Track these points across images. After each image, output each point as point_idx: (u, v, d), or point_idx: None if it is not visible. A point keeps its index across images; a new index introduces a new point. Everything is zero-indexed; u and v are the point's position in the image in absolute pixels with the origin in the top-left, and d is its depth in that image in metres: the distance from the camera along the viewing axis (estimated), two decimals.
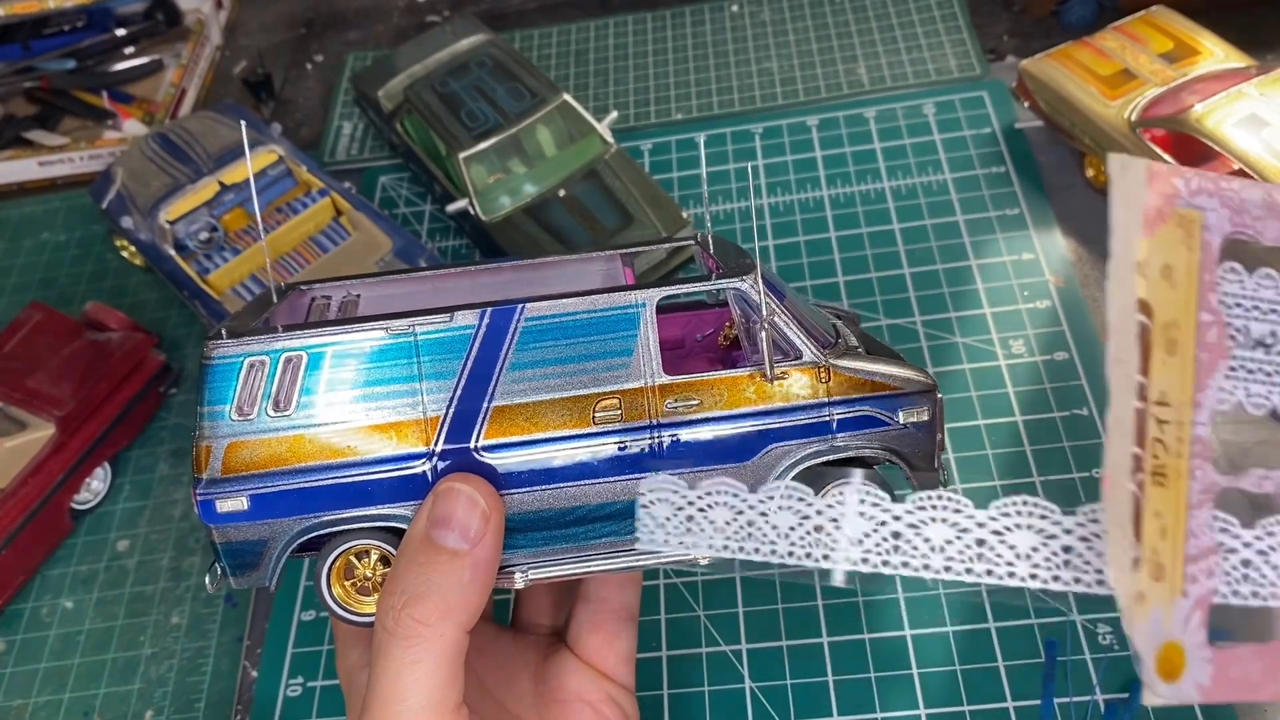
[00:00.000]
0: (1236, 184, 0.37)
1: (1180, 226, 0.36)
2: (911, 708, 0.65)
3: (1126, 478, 0.36)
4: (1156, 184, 0.36)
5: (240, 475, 0.49)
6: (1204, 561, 0.37)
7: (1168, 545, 0.36)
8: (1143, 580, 0.36)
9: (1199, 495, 0.36)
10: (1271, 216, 0.37)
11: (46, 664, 0.78)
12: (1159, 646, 0.36)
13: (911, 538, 0.41)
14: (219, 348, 0.49)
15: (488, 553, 0.47)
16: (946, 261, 0.88)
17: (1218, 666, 0.37)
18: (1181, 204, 0.36)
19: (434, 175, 0.98)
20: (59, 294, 1.04)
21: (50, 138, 1.17)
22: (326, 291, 0.61)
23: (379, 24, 1.30)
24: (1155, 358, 0.36)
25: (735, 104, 1.08)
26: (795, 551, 0.42)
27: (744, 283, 0.51)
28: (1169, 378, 0.36)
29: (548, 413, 0.49)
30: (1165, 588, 0.36)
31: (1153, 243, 0.36)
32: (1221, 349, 0.37)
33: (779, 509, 0.42)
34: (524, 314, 0.50)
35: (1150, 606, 0.36)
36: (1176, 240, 0.36)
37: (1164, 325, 0.36)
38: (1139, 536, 0.36)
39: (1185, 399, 0.36)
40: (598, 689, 0.57)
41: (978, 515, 0.40)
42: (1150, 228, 0.36)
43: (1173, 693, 0.37)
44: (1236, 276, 0.37)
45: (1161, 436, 0.36)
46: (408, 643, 0.45)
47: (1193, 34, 0.88)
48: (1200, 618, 0.37)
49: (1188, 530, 0.36)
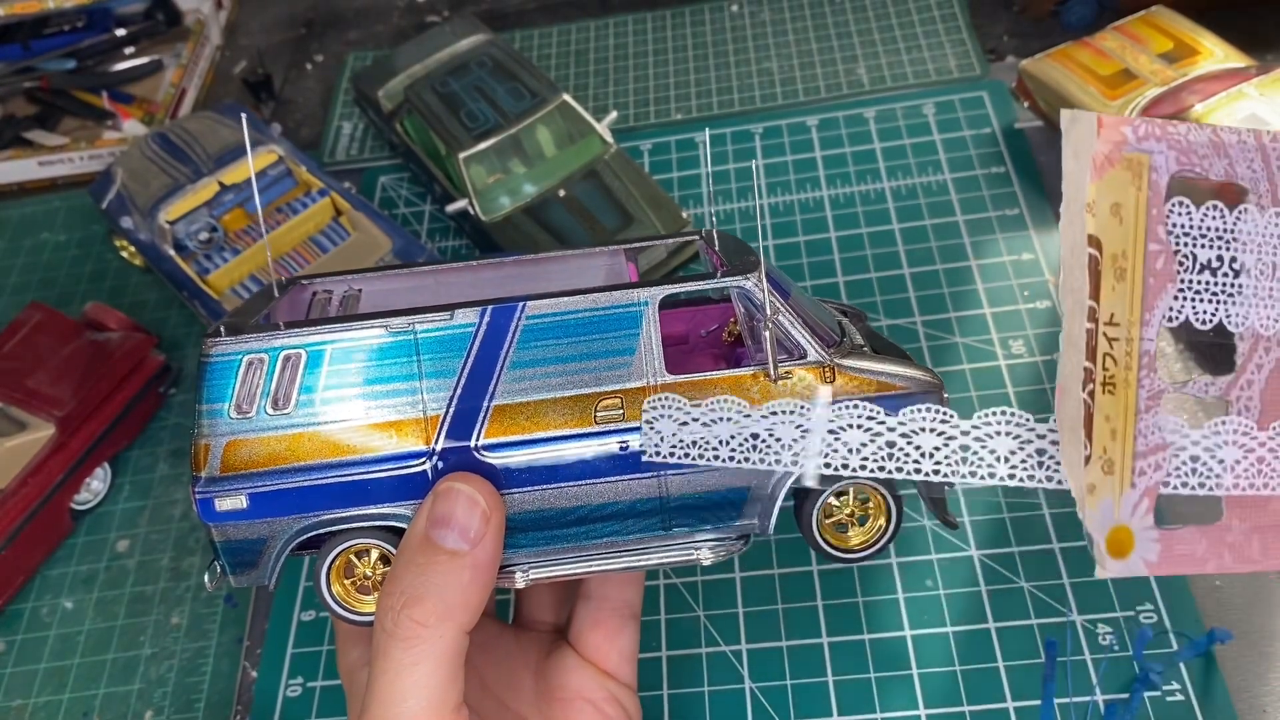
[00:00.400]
0: (1184, 128, 0.40)
1: (1128, 169, 0.40)
2: (911, 708, 0.65)
3: (1078, 388, 0.41)
4: (1106, 133, 0.39)
5: (239, 474, 0.49)
6: (1152, 457, 0.41)
7: (1117, 445, 0.41)
8: (1093, 474, 0.41)
9: (1147, 401, 0.41)
10: (1216, 155, 0.40)
11: (46, 664, 0.78)
12: (1108, 530, 0.41)
13: (905, 446, 0.44)
14: (217, 345, 0.49)
15: (488, 554, 0.47)
16: (946, 261, 0.88)
17: (1164, 545, 0.42)
18: (1129, 149, 0.40)
19: (434, 175, 0.98)
20: (59, 294, 1.04)
21: (50, 138, 1.17)
22: (328, 286, 0.60)
23: (379, 24, 1.30)
24: (1105, 284, 0.40)
25: (735, 104, 1.08)
26: (800, 459, 0.46)
27: (748, 281, 0.50)
28: (1118, 301, 0.40)
29: (549, 412, 0.49)
30: (1115, 480, 0.41)
31: (1101, 185, 0.40)
32: (1169, 274, 0.41)
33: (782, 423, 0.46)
34: (525, 312, 0.49)
35: (1101, 497, 0.41)
36: (1125, 181, 0.40)
37: (1113, 256, 0.40)
38: (1090, 437, 0.40)
39: (1134, 319, 0.40)
40: (600, 687, 0.57)
41: (962, 424, 0.44)
42: (1099, 172, 0.40)
43: (1121, 567, 0.42)
44: (1185, 209, 0.41)
45: (1111, 351, 0.40)
46: (407, 644, 0.45)
47: (1193, 34, 0.88)
48: (1148, 505, 0.41)
49: (1136, 431, 0.41)
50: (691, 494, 0.50)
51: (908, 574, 0.71)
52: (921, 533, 0.72)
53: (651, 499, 0.50)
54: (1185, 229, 0.41)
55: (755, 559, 0.73)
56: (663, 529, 0.51)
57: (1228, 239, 0.41)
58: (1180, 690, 0.63)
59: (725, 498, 0.50)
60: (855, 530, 0.53)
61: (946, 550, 0.71)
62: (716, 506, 0.50)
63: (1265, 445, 0.42)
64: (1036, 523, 0.72)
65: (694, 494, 0.50)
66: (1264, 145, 0.40)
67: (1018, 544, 0.71)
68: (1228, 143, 0.40)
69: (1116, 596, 0.67)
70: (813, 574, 0.72)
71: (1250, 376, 0.42)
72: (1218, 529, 0.43)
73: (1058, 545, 0.70)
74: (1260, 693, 0.63)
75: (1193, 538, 0.42)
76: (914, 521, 0.73)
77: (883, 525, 0.52)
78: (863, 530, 0.52)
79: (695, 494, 0.50)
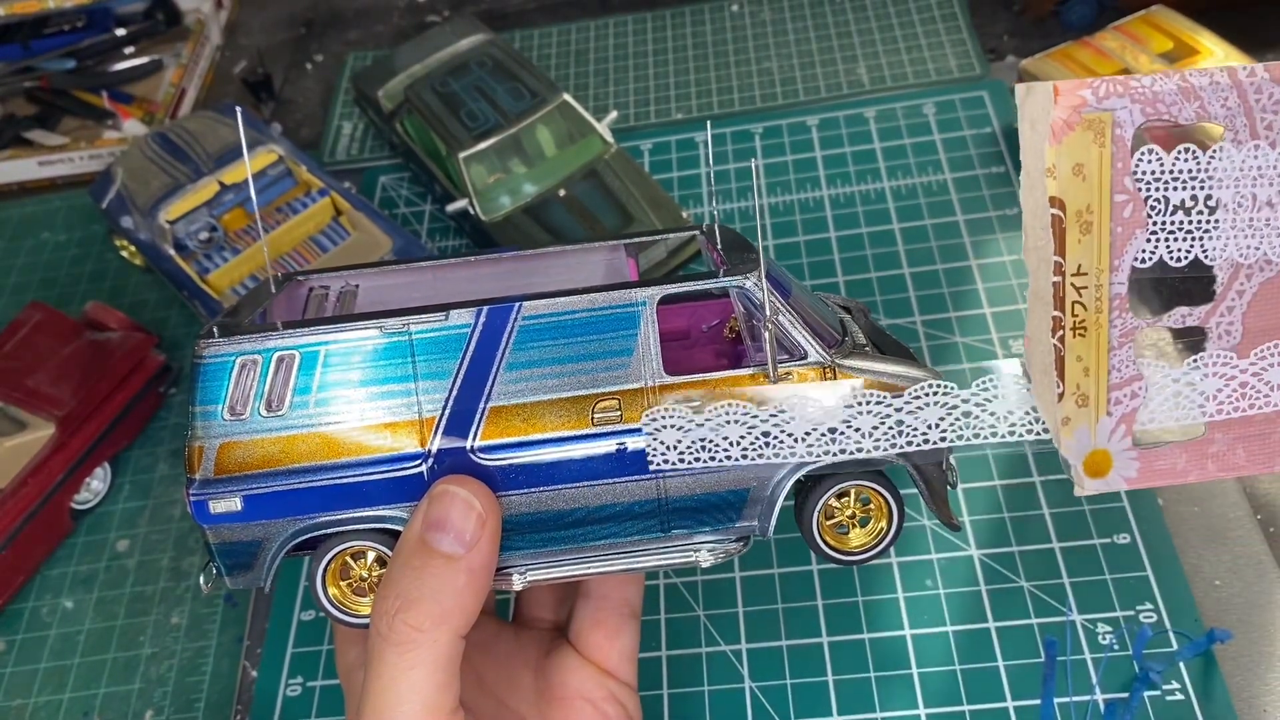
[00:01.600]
0: (1148, 79, 0.41)
1: (1090, 129, 0.41)
2: (911, 708, 0.65)
3: (1047, 336, 0.43)
4: (1064, 99, 0.40)
5: (233, 476, 0.49)
6: (1128, 388, 0.44)
7: (1091, 380, 0.43)
8: (1067, 408, 0.44)
9: (1120, 338, 0.43)
10: (1185, 100, 0.41)
11: (46, 664, 0.78)
12: (1085, 454, 0.45)
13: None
14: (210, 346, 0.49)
15: (483, 557, 0.47)
16: (946, 261, 0.88)
17: (1144, 462, 0.45)
18: (1090, 110, 0.41)
19: (434, 175, 0.98)
20: (59, 294, 1.04)
21: (50, 138, 1.17)
22: (325, 282, 0.60)
23: (379, 24, 1.29)
24: (1070, 239, 0.42)
25: (735, 104, 1.08)
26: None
27: (747, 281, 0.50)
28: (1084, 253, 0.42)
29: (546, 413, 0.49)
30: (1090, 411, 0.44)
31: (1060, 149, 0.41)
32: (1139, 220, 0.42)
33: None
34: (521, 312, 0.49)
35: (1076, 426, 0.44)
36: (1086, 141, 0.41)
37: (1077, 212, 0.42)
38: (1062, 377, 0.43)
39: (1103, 266, 0.42)
40: (600, 686, 0.56)
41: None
42: (1058, 137, 0.41)
43: (1099, 485, 0.45)
44: (1154, 156, 0.41)
45: (1080, 299, 0.43)
46: (402, 648, 0.45)
47: (1193, 34, 0.88)
48: (1125, 430, 0.44)
49: (1110, 366, 0.43)
50: (690, 496, 0.50)
51: (908, 574, 0.71)
52: (921, 532, 0.72)
53: (650, 501, 0.50)
54: (1155, 175, 0.42)
55: (755, 559, 0.73)
56: (661, 531, 0.51)
57: (1202, 178, 0.42)
58: (1180, 690, 0.63)
59: (724, 499, 0.50)
60: (856, 532, 0.52)
61: (946, 550, 0.71)
62: (716, 508, 0.50)
63: (1247, 371, 0.44)
64: (1036, 523, 0.72)
65: (693, 496, 0.50)
66: (1239, 81, 0.41)
67: (1018, 544, 0.71)
68: (1197, 86, 0.41)
69: (1116, 596, 0.67)
70: (813, 574, 0.72)
71: (1231, 303, 0.43)
72: (1200, 443, 0.45)
73: (1058, 545, 0.70)
74: (1260, 693, 0.63)
75: (1173, 454, 0.45)
76: (914, 521, 0.73)
77: (884, 528, 0.52)
78: (864, 532, 0.52)
79: (694, 496, 0.50)
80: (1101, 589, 0.68)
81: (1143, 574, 0.68)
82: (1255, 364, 0.44)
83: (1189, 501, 0.72)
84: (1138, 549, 0.69)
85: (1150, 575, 0.68)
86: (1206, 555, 0.69)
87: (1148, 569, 0.68)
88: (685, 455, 0.48)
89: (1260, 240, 0.43)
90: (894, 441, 0.47)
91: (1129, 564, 0.69)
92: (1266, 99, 0.41)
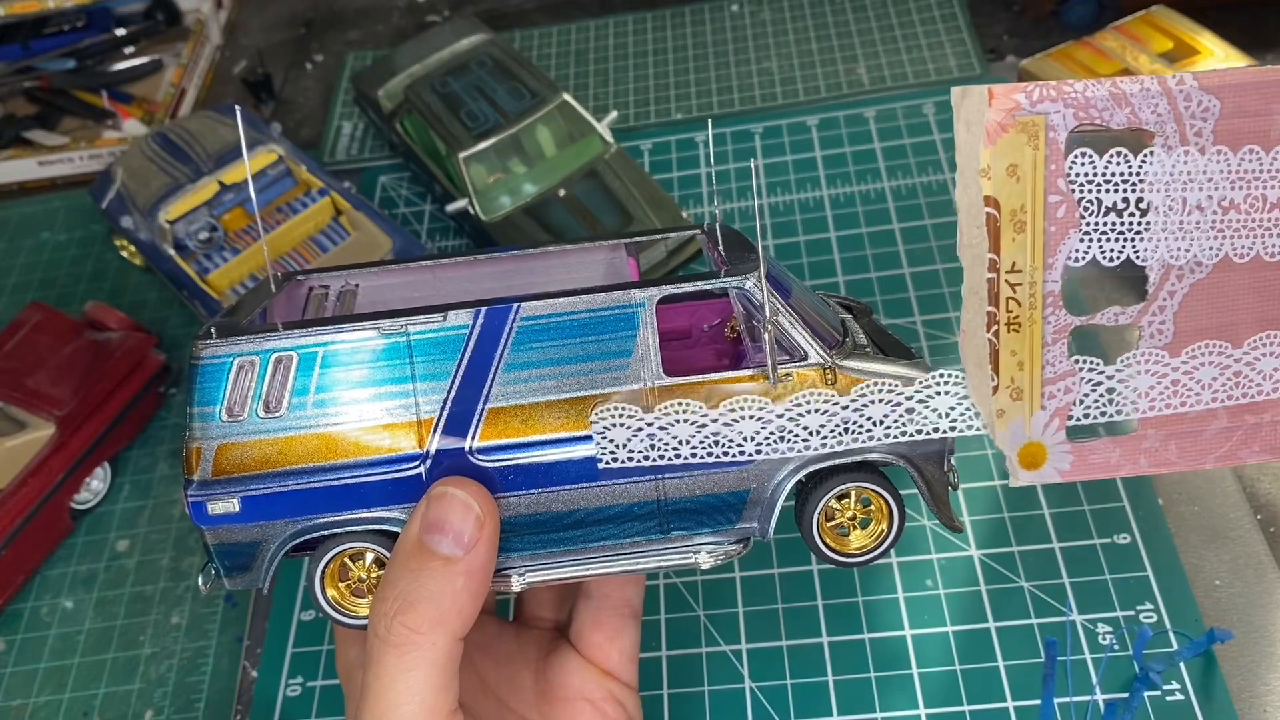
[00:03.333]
0: (1080, 85, 0.42)
1: (1023, 132, 0.42)
2: (911, 708, 0.65)
3: (981, 330, 0.45)
4: (998, 102, 0.42)
5: (231, 477, 0.49)
6: (1061, 383, 0.45)
7: (1025, 374, 0.45)
8: (1002, 401, 0.45)
9: (1054, 334, 0.44)
10: (1117, 105, 0.42)
11: (46, 664, 0.78)
12: (1020, 446, 0.46)
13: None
14: (208, 347, 0.48)
15: (481, 559, 0.47)
16: (946, 261, 0.88)
17: (1077, 456, 0.46)
18: (1023, 113, 0.42)
19: (434, 175, 0.98)
20: (59, 294, 1.04)
21: (50, 138, 1.17)
22: (324, 281, 0.60)
23: (379, 24, 1.29)
24: (1004, 238, 0.43)
25: (735, 104, 1.08)
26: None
27: (747, 281, 0.49)
28: (1018, 251, 0.43)
29: (544, 415, 0.49)
30: (1024, 404, 0.45)
31: (995, 150, 0.42)
32: (1071, 220, 0.43)
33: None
34: (520, 313, 0.48)
35: (1011, 419, 0.45)
36: (1020, 143, 0.42)
37: (1011, 212, 0.43)
38: (997, 370, 0.45)
39: (1036, 264, 0.43)
40: (600, 687, 0.56)
41: (841, 400, 0.47)
42: (992, 139, 0.42)
43: (1034, 477, 0.46)
44: (1087, 158, 0.43)
45: (1014, 295, 0.44)
46: (400, 650, 0.45)
47: (1193, 34, 0.88)
48: (1059, 423, 0.46)
49: (1044, 361, 0.45)
50: (690, 497, 0.50)
51: (908, 574, 0.71)
52: (921, 533, 0.72)
53: (649, 502, 0.49)
54: (1089, 178, 0.43)
55: (755, 559, 0.73)
56: (660, 532, 0.50)
57: (1133, 182, 0.43)
58: (1180, 690, 0.63)
59: (724, 501, 0.50)
60: (856, 533, 0.52)
61: (946, 550, 0.71)
62: (715, 510, 0.50)
63: (1179, 369, 0.45)
64: (1036, 523, 0.72)
65: (692, 497, 0.50)
66: (1169, 89, 0.42)
67: (1018, 544, 0.71)
68: (1128, 92, 0.42)
69: (1117, 596, 0.67)
70: (813, 574, 0.72)
71: (1163, 303, 0.45)
72: (1133, 439, 0.46)
73: (1058, 545, 0.70)
74: (1260, 693, 0.63)
75: (1106, 447, 0.46)
76: (914, 521, 0.73)
77: (884, 529, 0.52)
78: (864, 533, 0.52)
79: (693, 497, 0.50)
80: (1101, 589, 0.68)
81: (1143, 574, 0.68)
82: (1187, 362, 0.45)
83: (1189, 501, 0.72)
84: (1138, 549, 0.69)
85: (1150, 575, 0.68)
86: (1207, 555, 0.69)
87: (1148, 569, 0.68)
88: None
89: (1190, 243, 0.44)
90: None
91: (1129, 564, 0.69)
92: (1195, 106, 0.42)
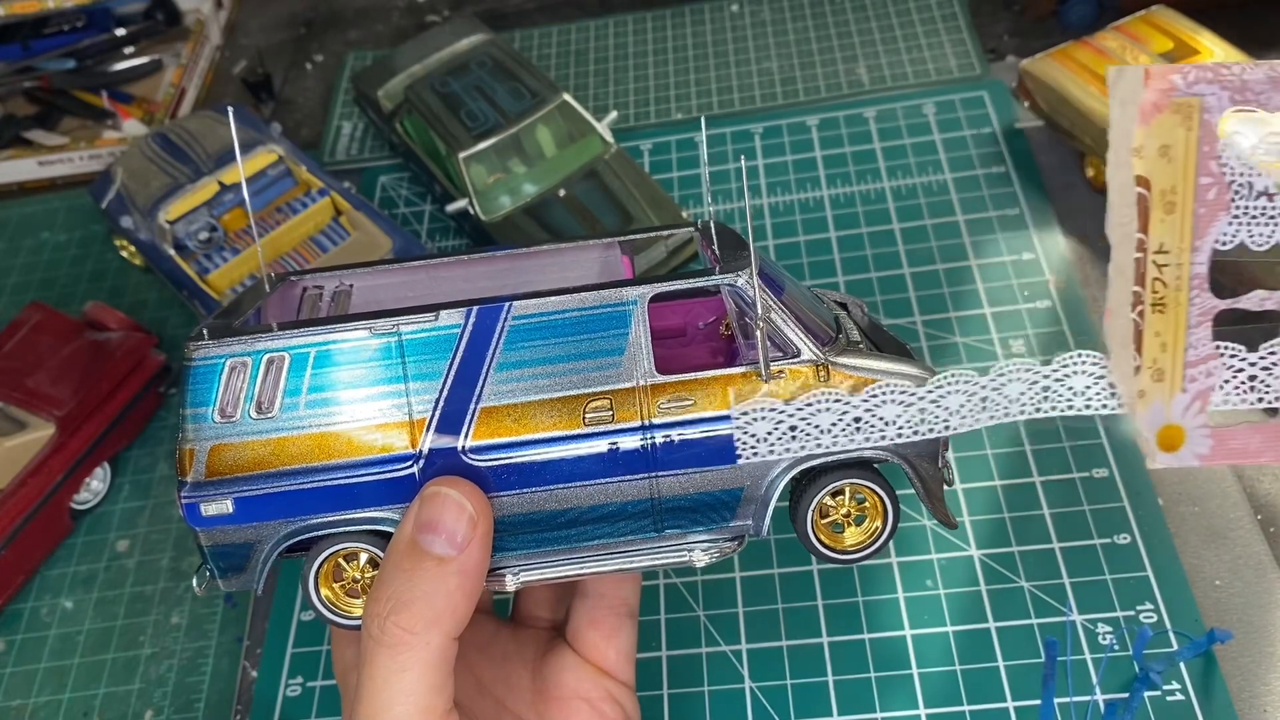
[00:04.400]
0: (1238, 68, 0.42)
1: (1178, 112, 0.42)
2: (911, 708, 0.65)
3: (1126, 310, 0.44)
4: (1154, 82, 0.42)
5: (224, 478, 0.48)
6: (1203, 366, 0.45)
7: (1168, 356, 0.45)
8: (1143, 381, 0.45)
9: (1198, 317, 0.44)
10: (1275, 90, 0.42)
11: (46, 664, 0.78)
12: (1159, 428, 0.46)
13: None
14: (200, 349, 0.48)
15: (475, 559, 0.47)
16: (946, 261, 0.88)
17: (1217, 440, 0.46)
18: (1179, 94, 0.42)
19: (434, 175, 0.98)
20: (59, 294, 1.04)
21: (50, 138, 1.17)
22: (319, 281, 0.60)
23: (379, 24, 1.29)
24: (1154, 218, 0.43)
25: (735, 104, 1.08)
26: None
27: (739, 279, 0.49)
28: (1167, 232, 0.43)
29: (537, 414, 0.48)
30: (1165, 386, 0.45)
31: (1148, 130, 0.42)
32: (1222, 203, 0.43)
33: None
34: (511, 312, 0.48)
35: (1151, 401, 0.45)
36: (1174, 124, 0.42)
37: (1161, 192, 0.43)
38: (1140, 351, 0.45)
39: (1184, 246, 0.43)
40: (597, 686, 0.56)
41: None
42: (1146, 119, 0.42)
43: (1171, 459, 0.46)
44: (1241, 141, 0.43)
45: (1161, 276, 0.44)
46: (394, 651, 0.45)
47: (1193, 34, 0.88)
48: (1200, 406, 0.45)
49: (1187, 344, 0.45)
50: (684, 495, 0.49)
51: (908, 574, 0.71)
52: (921, 533, 0.72)
53: (643, 500, 0.49)
54: (1241, 161, 0.43)
55: (755, 559, 0.73)
56: (655, 531, 0.50)
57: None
58: (1180, 690, 0.63)
59: (718, 499, 0.50)
60: (851, 530, 0.52)
61: (946, 550, 0.71)
62: (709, 508, 0.50)
63: None
64: (1036, 523, 0.72)
65: (686, 495, 0.49)
66: None
67: (1018, 544, 0.71)
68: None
69: (1117, 596, 0.67)
70: (813, 574, 0.72)
71: None
72: (1274, 426, 0.46)
73: (1058, 545, 0.70)
74: (1260, 693, 0.63)
75: (1246, 434, 0.46)
76: (914, 521, 0.73)
77: (879, 526, 0.52)
78: (859, 530, 0.52)
79: (687, 495, 0.49)
80: (1102, 589, 0.68)
81: (1143, 574, 0.68)
82: None
83: (1189, 501, 0.72)
84: (1138, 549, 0.69)
85: (1150, 575, 0.68)
86: (1207, 555, 0.69)
87: (1148, 569, 0.68)
88: (776, 447, 0.48)
89: None
90: (977, 415, 0.47)
91: (1129, 564, 0.69)
92: None
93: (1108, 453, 0.74)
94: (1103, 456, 0.74)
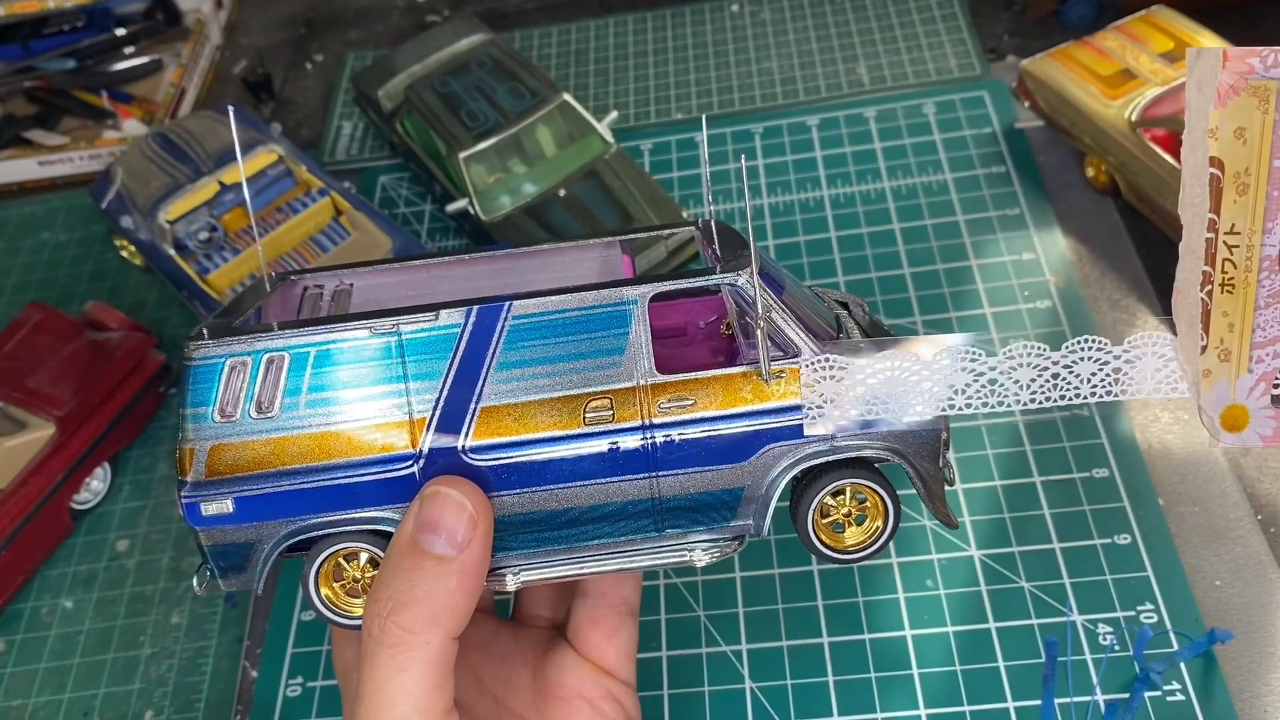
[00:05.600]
0: None
1: (1254, 95, 0.42)
2: (911, 708, 0.65)
3: (1195, 289, 0.45)
4: (1231, 65, 0.42)
5: (224, 478, 0.48)
6: (1270, 347, 0.45)
7: (1234, 336, 0.45)
8: (1209, 361, 0.45)
9: (1267, 298, 0.44)
10: None
11: (46, 664, 0.78)
12: (1224, 407, 0.46)
13: (1005, 382, 0.47)
14: (200, 348, 0.48)
15: (475, 559, 0.46)
16: (946, 261, 0.88)
17: None
18: (1256, 77, 0.42)
19: (434, 175, 0.98)
20: (59, 294, 1.04)
21: (50, 138, 1.17)
22: (319, 281, 0.60)
23: (379, 24, 1.29)
24: (1226, 199, 0.43)
25: (735, 104, 1.08)
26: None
27: (739, 278, 0.49)
28: (1239, 213, 0.43)
29: (537, 413, 0.48)
30: (1231, 366, 0.45)
31: (1224, 112, 0.42)
32: None
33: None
34: (511, 312, 0.48)
35: (1217, 380, 0.45)
36: (1250, 107, 0.42)
37: (1235, 174, 0.43)
38: (1207, 330, 0.45)
39: (1255, 227, 0.43)
40: (597, 685, 0.56)
41: (1053, 355, 0.47)
42: (1223, 101, 0.42)
43: (1236, 439, 0.46)
44: None
45: (1231, 257, 0.44)
46: (394, 650, 0.45)
47: (1193, 34, 0.88)
48: (1264, 388, 0.46)
49: (1255, 325, 0.45)
50: (684, 495, 0.49)
51: (908, 574, 0.71)
52: (921, 533, 0.72)
53: (643, 500, 0.49)
54: None
55: (755, 559, 0.73)
56: (655, 530, 0.50)
57: None
58: (1180, 690, 0.63)
59: (718, 498, 0.50)
60: (852, 530, 0.52)
61: (946, 550, 0.71)
62: (710, 507, 0.50)
63: None
64: (1036, 523, 0.72)
65: (686, 495, 0.49)
66: None
67: (1018, 544, 0.71)
68: None
69: (1117, 596, 0.67)
70: (813, 574, 0.72)
71: None
72: None
73: (1058, 545, 0.70)
74: (1260, 693, 0.63)
75: None
76: (914, 521, 0.73)
77: (879, 526, 0.52)
78: (860, 530, 0.52)
79: (688, 495, 0.49)
80: (1102, 589, 0.68)
81: (1143, 574, 0.68)
82: None
83: (1189, 502, 0.72)
84: (1138, 549, 0.69)
85: (1151, 575, 0.68)
86: (1207, 555, 0.69)
87: (1148, 569, 0.68)
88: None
89: None
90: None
91: (1129, 564, 0.69)
92: None
93: (1108, 453, 0.74)
94: (1103, 456, 0.74)
